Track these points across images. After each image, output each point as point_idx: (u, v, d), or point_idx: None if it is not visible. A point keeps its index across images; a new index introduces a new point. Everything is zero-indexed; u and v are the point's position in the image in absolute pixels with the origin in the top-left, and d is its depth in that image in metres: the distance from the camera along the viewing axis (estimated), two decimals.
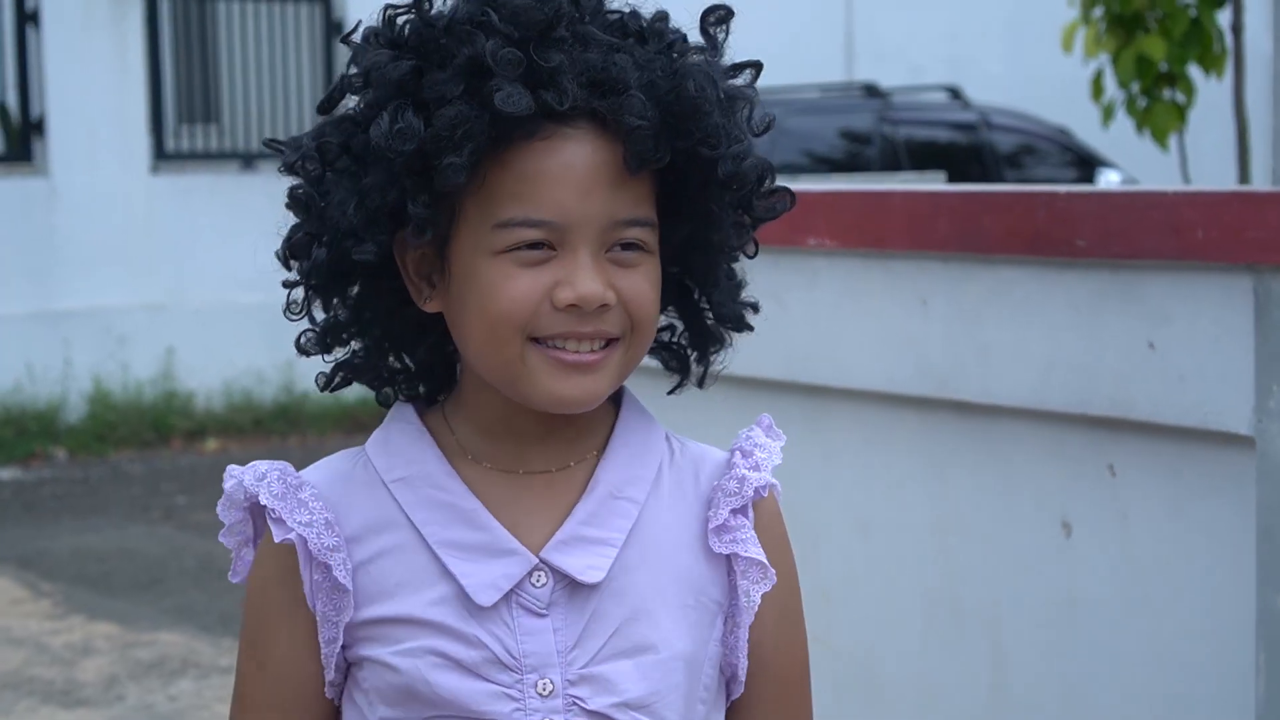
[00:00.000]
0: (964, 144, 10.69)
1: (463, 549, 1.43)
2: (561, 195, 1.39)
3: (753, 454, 1.52)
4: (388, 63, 1.40)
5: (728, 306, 1.52)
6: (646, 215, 1.43)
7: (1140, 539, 2.69)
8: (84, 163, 10.10)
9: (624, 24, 1.44)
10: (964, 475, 2.94)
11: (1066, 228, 2.69)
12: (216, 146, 11.03)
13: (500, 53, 1.36)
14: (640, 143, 1.39)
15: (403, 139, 1.37)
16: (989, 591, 2.91)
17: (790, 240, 3.06)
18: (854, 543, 3.13)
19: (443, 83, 1.38)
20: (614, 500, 1.46)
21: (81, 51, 10.11)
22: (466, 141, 1.36)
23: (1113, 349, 2.67)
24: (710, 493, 1.50)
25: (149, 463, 9.41)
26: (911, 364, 2.96)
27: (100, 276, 10.08)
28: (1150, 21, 5.75)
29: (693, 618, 1.47)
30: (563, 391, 1.42)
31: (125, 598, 6.60)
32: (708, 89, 1.41)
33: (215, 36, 10.97)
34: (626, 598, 1.44)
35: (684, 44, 1.45)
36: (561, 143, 1.39)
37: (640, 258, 1.43)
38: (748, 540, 1.48)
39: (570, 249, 1.40)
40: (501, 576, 1.42)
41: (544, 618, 1.43)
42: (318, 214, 1.44)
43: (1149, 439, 2.66)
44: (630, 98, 1.38)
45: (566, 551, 1.44)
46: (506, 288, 1.39)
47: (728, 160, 1.43)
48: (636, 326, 1.43)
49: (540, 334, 1.41)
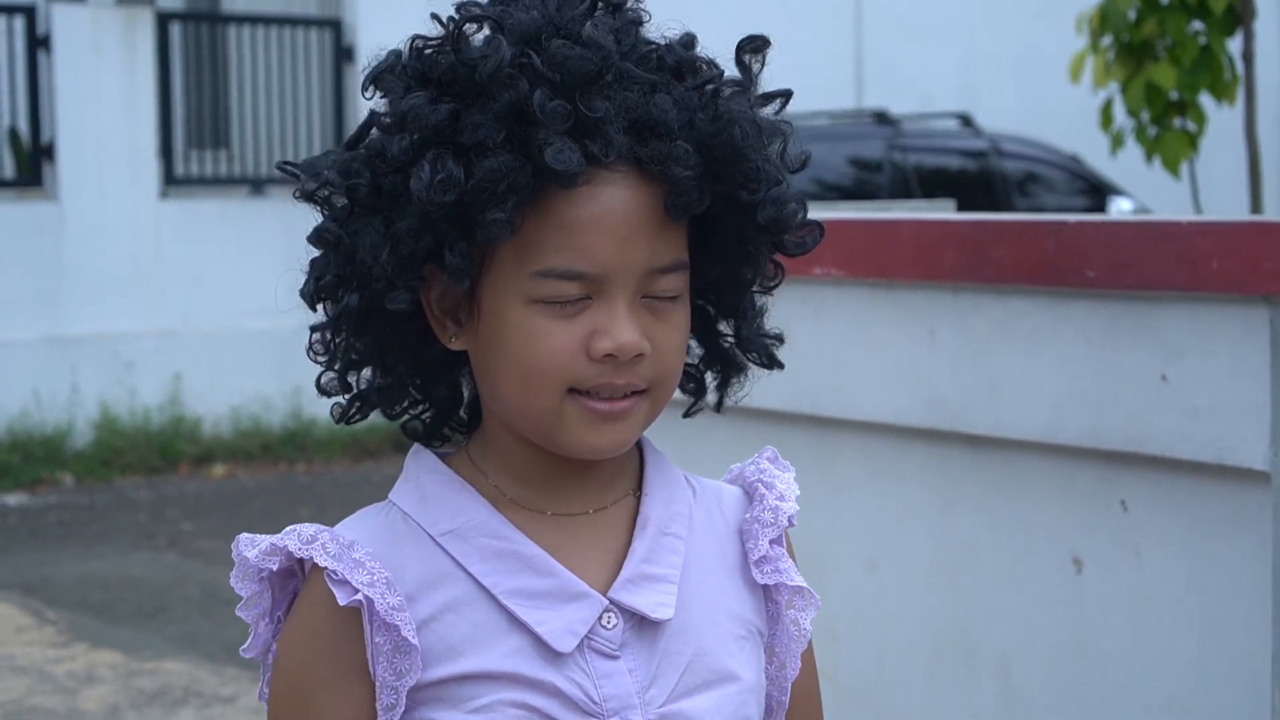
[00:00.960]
0: (974, 171, 10.66)
1: (531, 597, 1.39)
2: (601, 244, 1.35)
3: (774, 485, 1.52)
4: (425, 106, 1.35)
5: (755, 342, 1.49)
6: (681, 259, 1.40)
7: (1153, 576, 2.63)
8: (93, 188, 10.09)
9: (660, 60, 1.39)
10: (973, 510, 2.88)
11: (1077, 258, 2.64)
12: (226, 172, 11.02)
13: (549, 106, 1.32)
14: (684, 194, 1.36)
15: (444, 190, 1.32)
16: (998, 629, 2.85)
17: (797, 270, 3.00)
18: (861, 578, 3.07)
19: (482, 127, 1.32)
20: (664, 537, 1.45)
21: (92, 77, 10.11)
22: (510, 195, 1.32)
23: (1125, 382, 2.62)
24: (740, 525, 1.50)
25: (155, 489, 9.38)
26: (920, 396, 2.91)
27: (108, 302, 10.07)
28: (1160, 50, 5.71)
29: (747, 649, 1.47)
30: (595, 441, 1.39)
31: (129, 626, 6.55)
32: (751, 135, 1.38)
33: (225, 62, 10.96)
34: (690, 634, 1.43)
35: (720, 79, 1.41)
36: (602, 188, 1.35)
37: (673, 308, 1.40)
38: (789, 569, 1.49)
39: (607, 297, 1.36)
40: (577, 621, 1.39)
41: (617, 659, 1.40)
42: (347, 255, 1.39)
43: (1162, 474, 2.60)
44: (676, 147, 1.34)
45: (634, 591, 1.41)
46: (545, 342, 1.36)
47: (768, 204, 1.40)
48: (663, 380, 1.41)
49: (579, 385, 1.37)
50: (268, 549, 1.39)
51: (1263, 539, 2.47)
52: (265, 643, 1.42)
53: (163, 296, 10.24)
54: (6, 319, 9.78)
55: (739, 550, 1.50)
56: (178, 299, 10.26)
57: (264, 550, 1.40)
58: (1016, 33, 13.54)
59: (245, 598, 1.41)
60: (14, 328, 9.80)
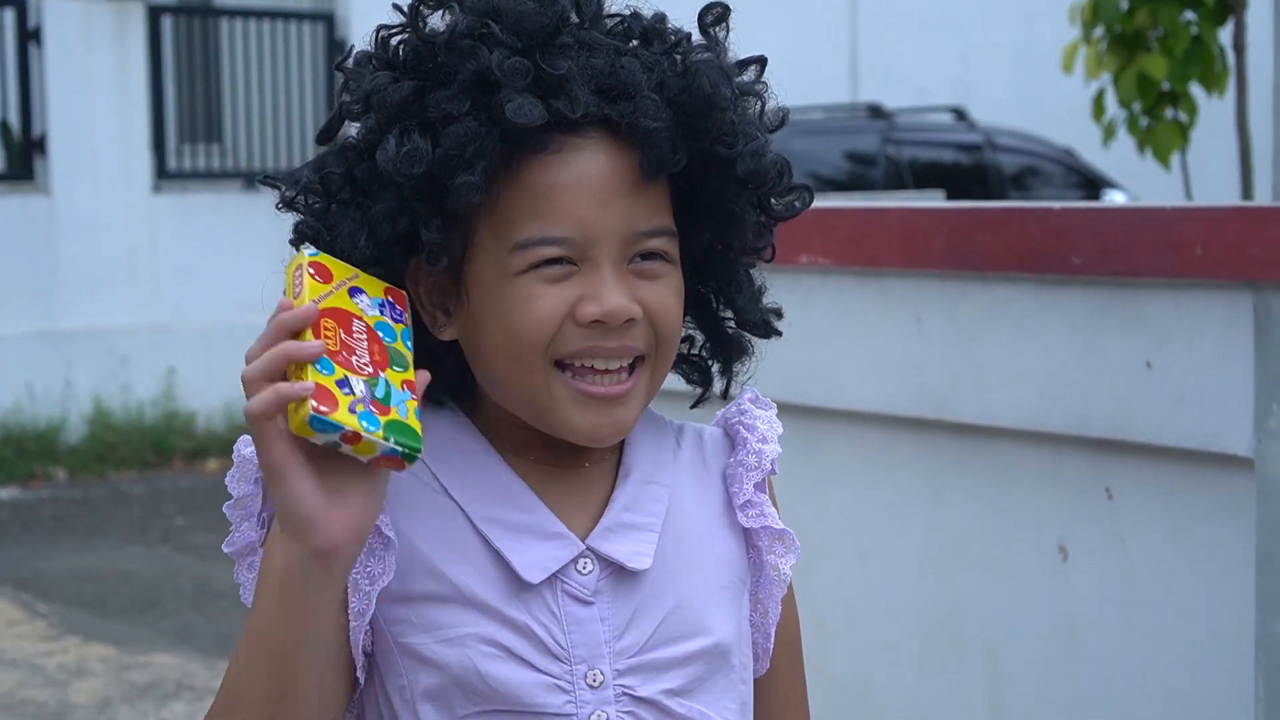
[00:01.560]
0: (969, 165, 10.66)
1: (508, 527, 1.39)
2: (579, 208, 1.35)
3: (755, 427, 1.50)
4: (388, 85, 1.36)
5: (752, 313, 1.48)
6: (666, 224, 1.39)
7: (1138, 563, 2.63)
8: (86, 182, 10.08)
9: (627, 28, 1.41)
10: (961, 498, 2.89)
11: (1063, 245, 2.65)
12: (219, 166, 11.02)
13: (506, 63, 1.33)
14: (656, 146, 1.35)
15: (411, 161, 1.33)
16: (986, 616, 2.86)
17: (783, 258, 2.99)
18: (850, 568, 3.08)
19: (447, 100, 1.33)
20: (647, 485, 1.44)
21: (83, 70, 10.11)
22: (478, 159, 1.32)
23: (1110, 369, 2.62)
24: (723, 468, 1.49)
25: (149, 483, 9.37)
26: (907, 385, 2.92)
27: (102, 296, 10.06)
28: (1151, 40, 5.71)
29: (728, 599, 1.45)
30: (590, 428, 1.38)
31: (121, 619, 6.55)
32: (721, 85, 1.38)
33: (218, 55, 10.96)
34: (669, 585, 1.42)
35: (688, 43, 1.42)
36: (574, 154, 1.35)
37: (663, 268, 1.39)
38: (772, 514, 1.48)
39: (592, 263, 1.36)
40: (549, 558, 1.38)
41: (590, 605, 1.39)
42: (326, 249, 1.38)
43: (1147, 461, 2.61)
44: (643, 100, 1.34)
45: (612, 539, 1.40)
46: (530, 308, 1.35)
47: (746, 157, 1.39)
48: (661, 342, 1.40)
49: (564, 353, 1.36)
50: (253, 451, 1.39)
51: (1247, 525, 2.48)
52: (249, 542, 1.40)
53: (156, 291, 10.24)
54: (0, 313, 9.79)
55: (723, 495, 1.49)
56: (171, 293, 10.25)
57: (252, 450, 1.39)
58: (1012, 26, 13.54)
59: (236, 497, 1.39)
60: (7, 322, 9.80)
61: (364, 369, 1.28)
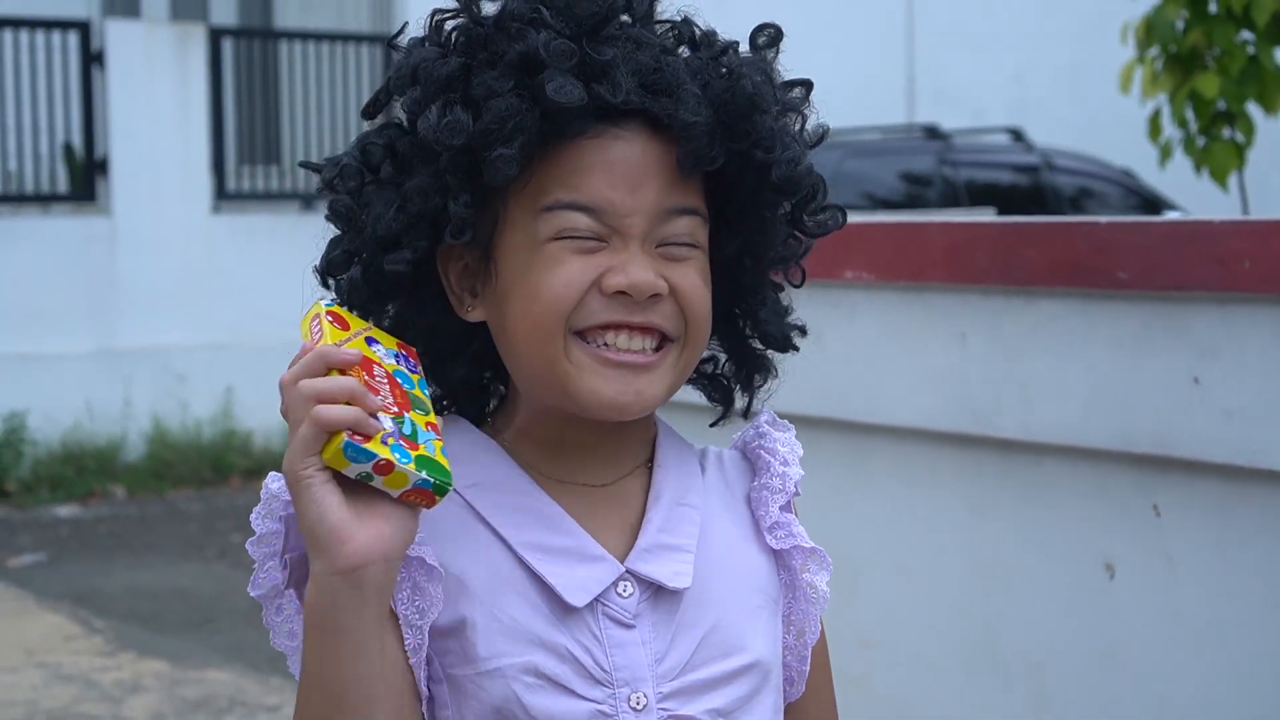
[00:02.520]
0: (1026, 186, 10.60)
1: (548, 552, 1.38)
2: (610, 190, 1.36)
3: (777, 450, 1.51)
4: (435, 59, 1.38)
5: (774, 325, 1.48)
6: (697, 205, 1.40)
7: (1186, 582, 2.59)
8: (146, 202, 10.18)
9: (677, 31, 1.42)
10: (1004, 515, 2.85)
11: (1108, 259, 2.61)
12: (277, 187, 11.10)
13: (553, 44, 1.34)
14: (695, 140, 1.36)
15: (451, 132, 1.34)
16: (1030, 636, 2.82)
17: (827, 273, 3.00)
18: (892, 584, 3.04)
19: (493, 79, 1.35)
20: (679, 507, 1.44)
21: (145, 92, 10.21)
22: (517, 134, 1.33)
23: (1156, 384, 2.58)
24: (748, 491, 1.50)
25: (207, 501, 9.43)
26: (951, 400, 2.89)
27: (161, 315, 10.15)
28: (1208, 60, 5.64)
29: (764, 619, 1.45)
30: (612, 394, 1.37)
31: (176, 635, 6.59)
32: (764, 88, 1.39)
33: (277, 77, 11.04)
34: (708, 605, 1.41)
35: (735, 52, 1.43)
36: (611, 141, 1.36)
37: (689, 252, 1.39)
38: (801, 533, 1.48)
39: (620, 239, 1.36)
40: (592, 580, 1.38)
41: (632, 629, 1.38)
42: (358, 228, 1.41)
43: (1195, 478, 2.56)
44: (685, 93, 1.35)
45: (650, 560, 1.40)
46: (555, 272, 1.35)
47: (782, 164, 1.40)
48: (690, 323, 1.39)
49: (585, 324, 1.36)
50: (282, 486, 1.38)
51: None
52: (274, 584, 1.39)
53: (214, 310, 10.31)
54: (60, 332, 9.87)
55: (749, 518, 1.49)
56: (229, 312, 10.32)
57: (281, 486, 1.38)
58: (1068, 45, 13.46)
59: (260, 534, 1.38)
60: (67, 341, 9.89)
61: (390, 408, 1.29)
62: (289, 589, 1.38)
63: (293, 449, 1.24)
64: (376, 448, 1.25)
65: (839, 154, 9.31)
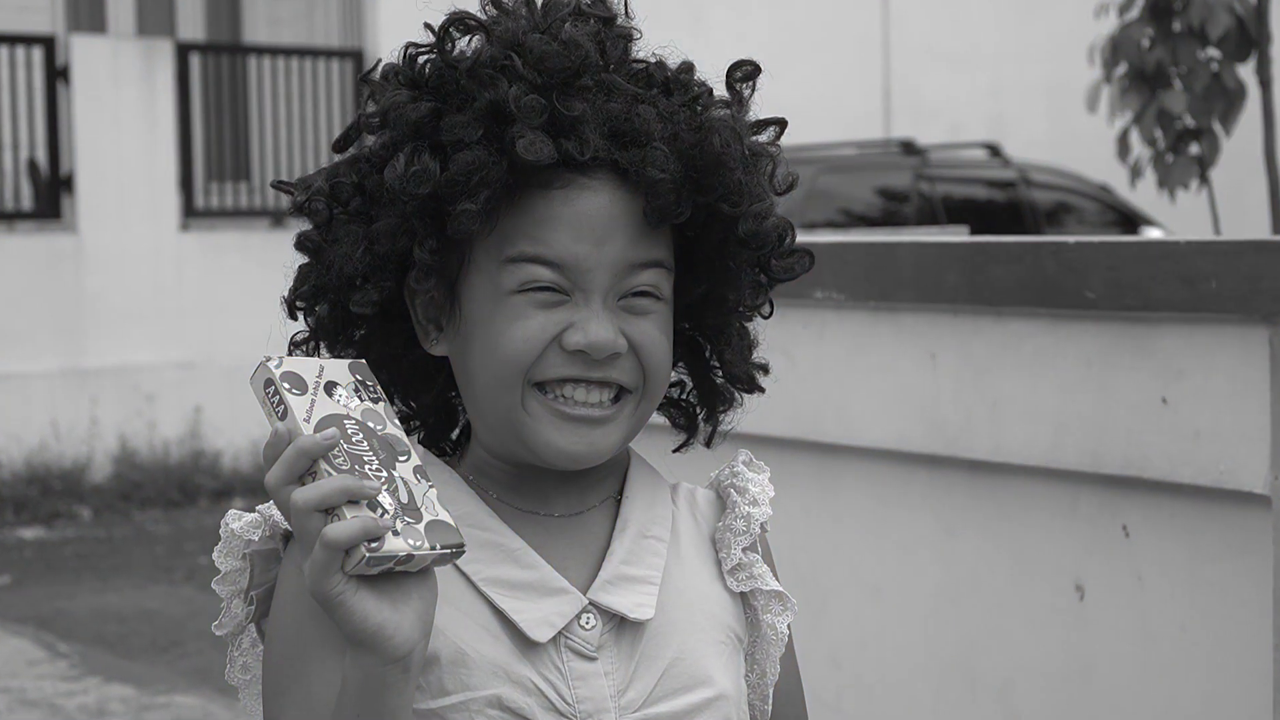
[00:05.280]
0: (1003, 201, 10.64)
1: (511, 587, 1.40)
2: (575, 243, 1.38)
3: (747, 490, 1.52)
4: (406, 103, 1.40)
5: (739, 366, 1.51)
6: (662, 257, 1.42)
7: (1155, 602, 2.62)
8: (113, 220, 10.16)
9: (650, 74, 1.43)
10: (975, 536, 2.88)
11: (1076, 278, 2.65)
12: (246, 204, 11.09)
13: (524, 99, 1.36)
14: (661, 196, 1.38)
15: (418, 181, 1.36)
16: (1001, 656, 2.84)
17: (797, 293, 3.03)
18: (864, 606, 3.07)
19: (462, 126, 1.37)
20: (644, 539, 1.46)
21: (111, 108, 10.20)
22: (482, 188, 1.35)
23: (1125, 405, 2.62)
24: (713, 532, 1.51)
25: (174, 523, 9.41)
26: (921, 421, 2.92)
27: (128, 334, 10.13)
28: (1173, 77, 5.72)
29: (727, 654, 1.47)
30: (566, 445, 1.40)
31: (143, 659, 6.57)
32: (732, 145, 1.41)
33: (246, 92, 11.04)
34: (671, 637, 1.43)
35: (709, 98, 1.45)
36: (578, 193, 1.38)
37: (652, 305, 1.42)
38: (764, 575, 1.50)
39: (583, 295, 1.39)
40: (555, 614, 1.40)
41: (594, 661, 1.40)
42: (326, 263, 1.42)
43: (1163, 498, 2.60)
44: (653, 150, 1.37)
45: (613, 591, 1.42)
46: (516, 327, 1.38)
47: (749, 218, 1.42)
48: (649, 377, 1.42)
49: (544, 377, 1.39)
50: (253, 520, 1.41)
51: (1264, 563, 2.47)
52: (238, 622, 1.42)
53: (183, 329, 10.30)
54: (26, 351, 9.85)
55: (715, 556, 1.51)
56: (198, 331, 10.31)
57: (249, 522, 1.41)
58: (1046, 61, 13.54)
59: (224, 572, 1.40)
60: (33, 359, 9.87)
61: (379, 476, 1.28)
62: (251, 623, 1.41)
63: (313, 573, 1.24)
64: (393, 545, 1.25)
65: (814, 169, 9.34)
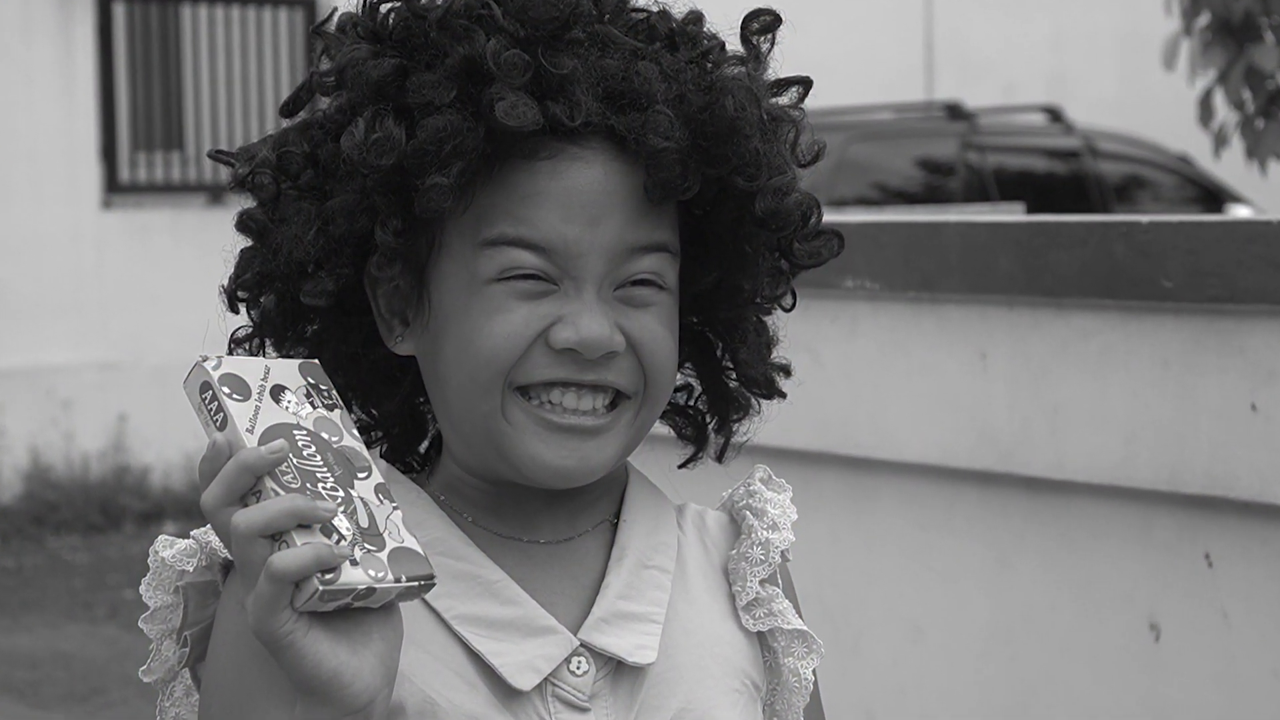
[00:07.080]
0: (1064, 175, 10.68)
1: (489, 626, 1.39)
2: (564, 224, 1.37)
3: (765, 512, 1.51)
4: (366, 59, 1.38)
5: (755, 368, 1.50)
6: (665, 240, 1.41)
7: (1242, 642, 2.63)
8: (24, 196, 10.18)
9: (651, 26, 1.42)
10: (1033, 566, 2.89)
11: (1151, 264, 2.65)
12: (179, 177, 11.10)
13: (503, 55, 1.34)
14: (665, 169, 1.37)
15: (379, 151, 1.35)
16: (1063, 705, 2.86)
17: (826, 282, 3.03)
18: (904, 647, 3.08)
19: (431, 86, 1.35)
20: (645, 570, 1.45)
21: (21, 66, 10.21)
22: (455, 159, 1.34)
23: (1208, 412, 2.63)
24: (725, 561, 1.50)
25: (95, 550, 9.42)
26: (970, 431, 2.93)
27: (42, 330, 10.14)
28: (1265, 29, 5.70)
29: (741, 704, 1.46)
30: (553, 460, 1.39)
31: (59, 710, 6.60)
32: (749, 108, 1.39)
33: (178, 48, 11.05)
34: (676, 685, 1.42)
35: (721, 53, 1.44)
36: (568, 164, 1.37)
37: (654, 295, 1.41)
38: (785, 611, 1.49)
39: (573, 283, 1.38)
40: (539, 657, 1.39)
41: (586, 711, 1.39)
42: (272, 248, 1.41)
43: (1253, 522, 2.61)
44: (655, 114, 1.36)
45: (609, 631, 1.41)
46: (495, 321, 1.36)
47: (767, 194, 1.41)
48: (651, 379, 1.41)
49: (528, 381, 1.38)
50: (187, 548, 1.40)
51: None
52: (170, 667, 1.41)
53: (105, 323, 10.31)
54: None
55: (728, 590, 1.50)
56: (122, 326, 10.33)
57: (182, 549, 1.40)
58: (1115, 8, 13.55)
59: (153, 609, 1.40)
60: None
61: (335, 495, 1.28)
62: (184, 668, 1.41)
63: (258, 609, 1.23)
64: (350, 577, 1.24)
65: (844, 137, 9.36)
